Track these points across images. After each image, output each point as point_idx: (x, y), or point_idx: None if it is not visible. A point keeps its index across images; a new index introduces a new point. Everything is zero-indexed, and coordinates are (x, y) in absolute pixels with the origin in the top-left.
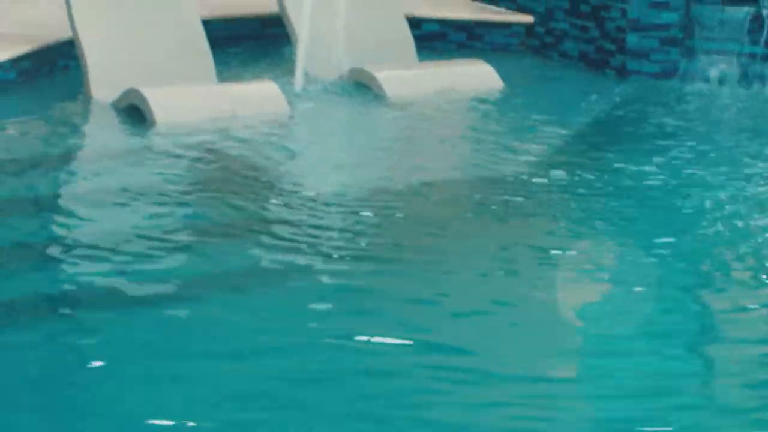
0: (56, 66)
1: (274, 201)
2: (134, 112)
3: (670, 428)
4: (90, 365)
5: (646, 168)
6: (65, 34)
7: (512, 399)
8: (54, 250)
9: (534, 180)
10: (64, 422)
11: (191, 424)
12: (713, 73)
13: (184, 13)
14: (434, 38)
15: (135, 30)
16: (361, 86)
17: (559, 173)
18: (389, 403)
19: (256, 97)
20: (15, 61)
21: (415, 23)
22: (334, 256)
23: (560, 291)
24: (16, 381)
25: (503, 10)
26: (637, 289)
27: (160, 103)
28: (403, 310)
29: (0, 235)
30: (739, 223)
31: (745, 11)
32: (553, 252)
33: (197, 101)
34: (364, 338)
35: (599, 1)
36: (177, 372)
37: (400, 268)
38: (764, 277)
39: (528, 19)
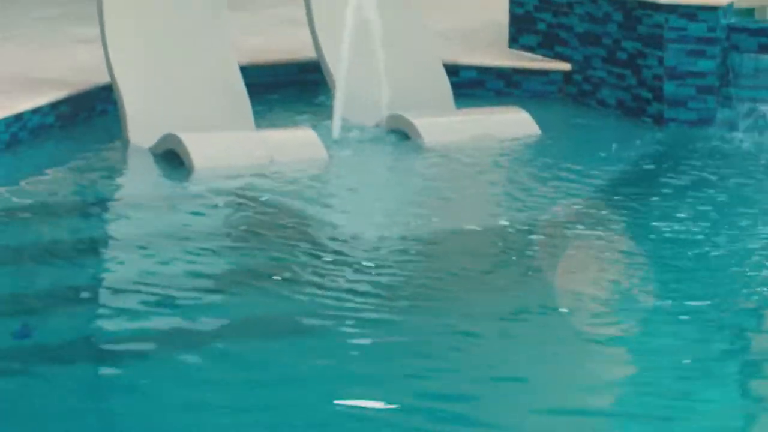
0: (94, 111)
1: (310, 248)
2: (172, 158)
3: None
4: (127, 402)
5: (682, 220)
6: (103, 79)
7: None
8: (92, 292)
9: (568, 230)
10: None
11: None
12: (750, 121)
13: (222, 59)
14: (472, 85)
15: (173, 75)
16: (398, 133)
17: (592, 223)
18: None
19: (294, 143)
20: (53, 106)
21: (453, 70)
22: (368, 305)
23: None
24: (56, 416)
25: (541, 57)
26: (665, 355)
27: (199, 149)
28: (427, 370)
29: (40, 278)
30: None
31: None
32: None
33: (235, 147)
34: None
35: (636, 49)
36: (206, 416)
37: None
38: None
39: (565, 66)
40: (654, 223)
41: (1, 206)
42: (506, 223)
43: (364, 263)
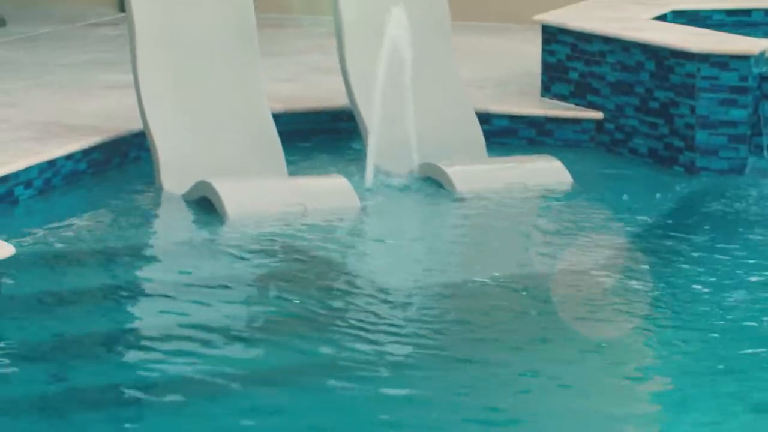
0: (127, 157)
1: (342, 295)
2: (205, 204)
3: None
4: None
5: (714, 271)
6: (135, 125)
7: None
8: (122, 339)
9: (601, 279)
10: None
11: None
12: None
13: (255, 107)
14: (504, 134)
15: (206, 122)
16: (431, 181)
17: (625, 273)
18: None
19: (327, 191)
20: (86, 152)
21: (485, 118)
22: (400, 355)
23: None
24: None
25: (573, 106)
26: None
27: (232, 196)
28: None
29: (71, 324)
30: None
31: None
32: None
33: (268, 195)
34: None
35: (668, 98)
36: None
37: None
38: None
39: (598, 115)
40: (686, 274)
41: (34, 252)
42: (539, 272)
43: (395, 312)
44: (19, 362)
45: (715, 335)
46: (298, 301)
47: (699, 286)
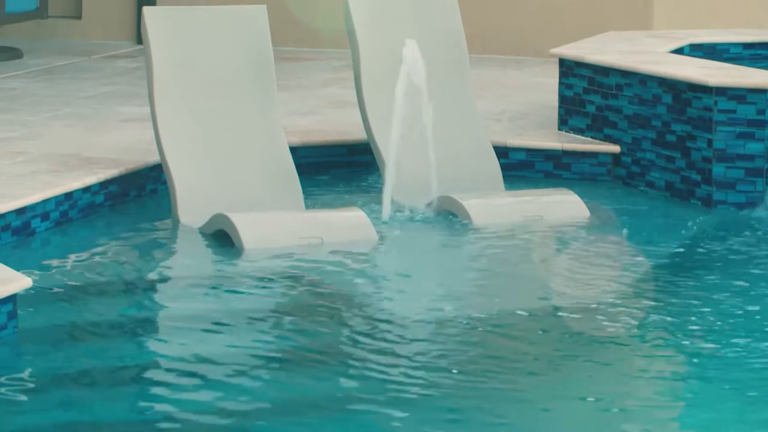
0: (144, 190)
1: (358, 329)
2: (222, 238)
3: None
4: None
5: (732, 305)
6: (153, 158)
7: None
8: (137, 371)
9: (617, 312)
10: None
11: None
12: None
13: (272, 140)
14: (522, 167)
15: (223, 155)
16: (448, 214)
17: (642, 306)
18: None
19: (344, 224)
20: (103, 185)
21: (502, 152)
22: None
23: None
24: None
25: (590, 139)
26: None
27: (249, 229)
28: None
29: (88, 357)
30: None
31: None
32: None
33: (285, 228)
34: None
35: (685, 132)
36: None
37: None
38: None
39: (615, 148)
40: (703, 308)
41: (50, 284)
42: (555, 305)
43: (412, 345)
44: (34, 393)
45: (731, 369)
46: (315, 334)
47: (714, 319)
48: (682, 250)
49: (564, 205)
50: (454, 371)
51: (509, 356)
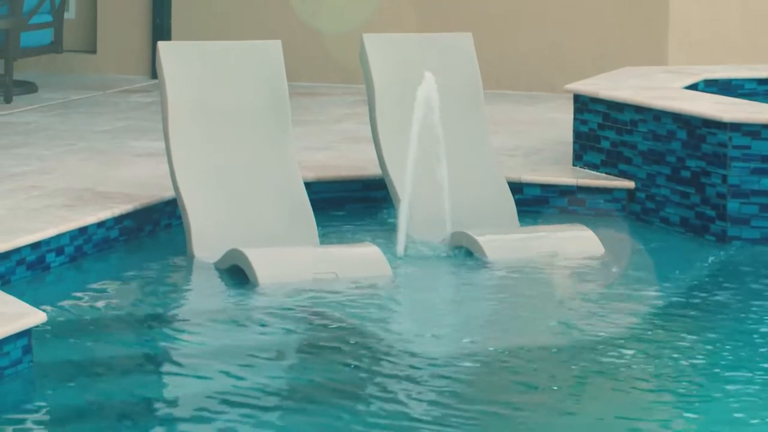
0: (158, 225)
1: (373, 365)
2: (237, 273)
3: None
4: None
5: (747, 342)
6: (167, 193)
7: None
8: (155, 408)
9: (631, 349)
10: None
11: None
12: None
13: (287, 175)
14: (536, 202)
15: (238, 191)
16: (463, 250)
17: (656, 343)
18: None
19: (359, 260)
20: (118, 220)
21: (517, 187)
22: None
23: None
24: None
25: (605, 175)
26: None
27: (264, 264)
28: None
29: (102, 393)
30: None
31: None
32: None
33: (300, 263)
34: None
35: (700, 167)
36: None
37: None
38: None
39: (629, 184)
40: (717, 344)
41: (65, 319)
42: (570, 341)
43: (426, 382)
44: (49, 428)
45: (746, 406)
46: (329, 370)
47: (731, 357)
48: (696, 285)
49: (579, 241)
50: (469, 407)
51: (524, 391)
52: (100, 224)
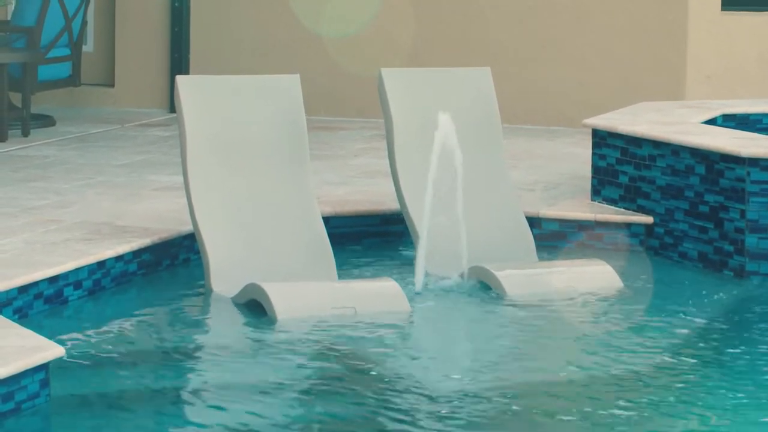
0: (177, 259)
1: (392, 401)
2: (255, 307)
3: None
4: None
5: (764, 381)
6: (185, 227)
7: None
8: None
9: (650, 384)
10: None
11: None
12: None
13: (305, 210)
14: (554, 237)
15: (256, 225)
16: (481, 285)
17: (674, 379)
18: None
19: (377, 294)
20: (136, 254)
21: (535, 222)
22: None
23: None
24: None
25: (623, 210)
26: None
27: (282, 299)
28: None
29: (122, 427)
30: None
31: None
32: None
33: (318, 298)
34: None
35: (718, 202)
36: None
37: None
38: None
39: (647, 219)
40: (735, 381)
41: (83, 353)
42: (589, 377)
43: (444, 417)
44: None
45: None
46: (347, 405)
47: (745, 395)
48: (714, 321)
49: (597, 276)
50: None
51: (544, 428)
52: (119, 258)
